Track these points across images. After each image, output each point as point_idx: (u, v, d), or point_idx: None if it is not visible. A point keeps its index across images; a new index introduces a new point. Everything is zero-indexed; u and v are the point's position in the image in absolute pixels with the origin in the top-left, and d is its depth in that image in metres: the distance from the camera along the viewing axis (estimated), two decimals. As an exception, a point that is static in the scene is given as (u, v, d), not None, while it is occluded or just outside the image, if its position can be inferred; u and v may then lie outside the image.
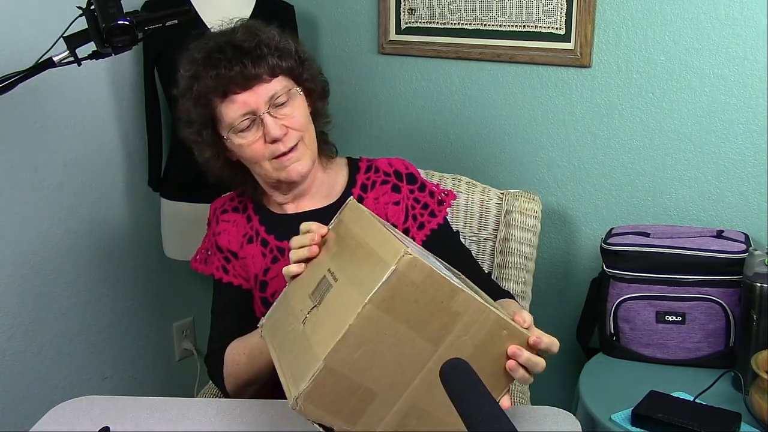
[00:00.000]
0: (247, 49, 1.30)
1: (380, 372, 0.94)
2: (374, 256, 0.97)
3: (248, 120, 1.31)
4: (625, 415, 1.54)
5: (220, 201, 1.51)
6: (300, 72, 1.38)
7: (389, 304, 0.92)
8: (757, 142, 1.84)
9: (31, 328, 2.13)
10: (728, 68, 1.84)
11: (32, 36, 1.92)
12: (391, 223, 1.41)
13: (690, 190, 1.94)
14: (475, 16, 2.15)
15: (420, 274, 0.92)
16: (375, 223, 1.05)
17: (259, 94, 1.31)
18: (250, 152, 1.33)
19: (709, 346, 1.74)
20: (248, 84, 1.30)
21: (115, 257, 2.33)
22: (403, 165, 1.47)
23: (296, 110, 1.34)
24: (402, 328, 0.93)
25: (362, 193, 1.43)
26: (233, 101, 1.31)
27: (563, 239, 2.15)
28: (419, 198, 1.43)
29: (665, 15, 1.89)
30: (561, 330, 2.13)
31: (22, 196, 2.05)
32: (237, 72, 1.28)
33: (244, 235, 1.45)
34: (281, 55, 1.34)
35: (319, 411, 0.93)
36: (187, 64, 1.35)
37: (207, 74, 1.30)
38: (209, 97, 1.32)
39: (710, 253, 1.71)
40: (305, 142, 1.36)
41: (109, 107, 2.24)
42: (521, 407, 1.47)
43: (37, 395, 2.16)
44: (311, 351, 0.95)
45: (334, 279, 1.03)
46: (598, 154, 2.05)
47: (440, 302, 0.94)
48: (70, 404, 1.29)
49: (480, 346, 0.97)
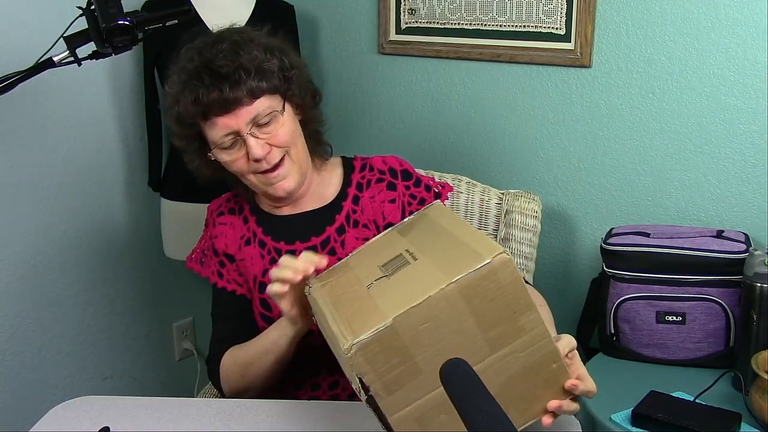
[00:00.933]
0: (225, 74, 1.27)
1: (434, 353, 0.95)
2: (465, 247, 0.99)
3: (231, 139, 1.30)
4: (625, 415, 1.54)
5: (217, 203, 1.51)
6: (285, 89, 1.35)
7: (470, 293, 0.93)
8: (757, 142, 1.84)
9: (31, 328, 2.13)
10: (728, 68, 1.84)
11: (32, 36, 1.91)
12: (388, 221, 1.41)
13: (690, 190, 1.94)
14: (475, 16, 2.15)
15: (509, 276, 0.94)
16: (464, 221, 1.09)
17: (240, 117, 1.29)
18: (236, 167, 1.34)
19: (709, 346, 1.74)
20: (228, 108, 1.28)
21: (115, 257, 2.33)
22: (397, 162, 1.47)
23: (280, 128, 1.32)
24: (470, 321, 0.95)
25: (358, 192, 1.43)
26: (215, 123, 1.30)
27: (563, 239, 2.15)
28: (415, 194, 1.43)
29: (665, 15, 1.89)
30: (561, 330, 2.13)
31: (22, 196, 2.05)
32: (215, 98, 1.26)
33: (241, 237, 1.45)
34: (263, 77, 1.30)
35: (367, 366, 0.94)
36: (171, 82, 1.35)
37: (186, 99, 1.29)
38: (192, 118, 1.31)
39: (710, 253, 1.71)
40: (291, 156, 1.34)
41: (109, 107, 2.24)
42: (521, 407, 1.48)
43: (37, 395, 2.16)
44: (377, 310, 0.96)
45: (413, 258, 1.05)
46: (598, 154, 2.05)
47: (512, 311, 0.95)
48: (70, 404, 1.29)
49: (528, 369, 0.98)
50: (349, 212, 1.41)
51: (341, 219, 1.41)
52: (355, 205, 1.42)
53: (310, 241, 1.41)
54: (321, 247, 1.40)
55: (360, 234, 1.39)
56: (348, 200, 1.42)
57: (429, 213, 1.17)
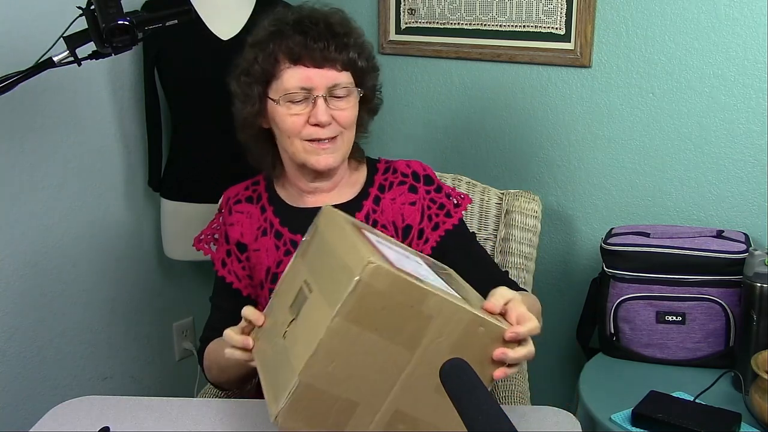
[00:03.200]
0: (337, 32, 1.32)
1: (358, 382, 0.94)
2: (342, 265, 0.96)
3: (303, 95, 1.32)
4: (625, 415, 1.54)
5: (234, 190, 1.51)
6: (367, 78, 1.40)
7: (357, 316, 0.91)
8: (757, 142, 1.84)
9: (31, 328, 2.13)
10: (728, 68, 1.84)
11: (32, 36, 1.91)
12: (407, 223, 1.41)
13: (690, 190, 1.94)
14: (475, 16, 2.15)
15: (384, 281, 0.91)
16: (346, 228, 1.04)
17: (325, 77, 1.32)
18: (290, 123, 1.33)
19: (709, 346, 1.74)
20: (322, 63, 1.31)
21: (115, 257, 2.33)
22: (420, 167, 1.48)
23: (349, 107, 1.36)
24: (373, 337, 0.93)
25: (379, 193, 1.44)
26: (299, 71, 1.32)
27: (563, 239, 2.15)
28: (435, 199, 1.44)
29: (665, 15, 1.89)
30: (561, 330, 2.14)
31: (22, 196, 2.05)
32: (318, 47, 1.30)
33: (258, 228, 1.45)
34: (361, 54, 1.36)
35: (301, 424, 0.94)
36: (274, 19, 1.36)
37: (291, 35, 1.31)
38: (280, 57, 1.32)
39: (710, 253, 1.71)
40: (343, 138, 1.37)
41: (109, 107, 2.24)
42: (521, 407, 1.47)
43: (37, 395, 2.16)
44: (290, 365, 0.95)
45: (309, 290, 1.02)
46: (598, 154, 2.05)
47: (410, 307, 0.93)
48: (70, 404, 1.29)
49: (457, 346, 0.96)
50: (369, 211, 1.42)
51: (360, 217, 1.41)
52: (376, 206, 1.42)
53: None
54: None
55: None
56: (369, 200, 1.43)
57: (319, 224, 1.13)
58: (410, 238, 1.41)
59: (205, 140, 2.17)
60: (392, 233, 1.40)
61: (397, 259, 0.98)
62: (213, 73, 2.09)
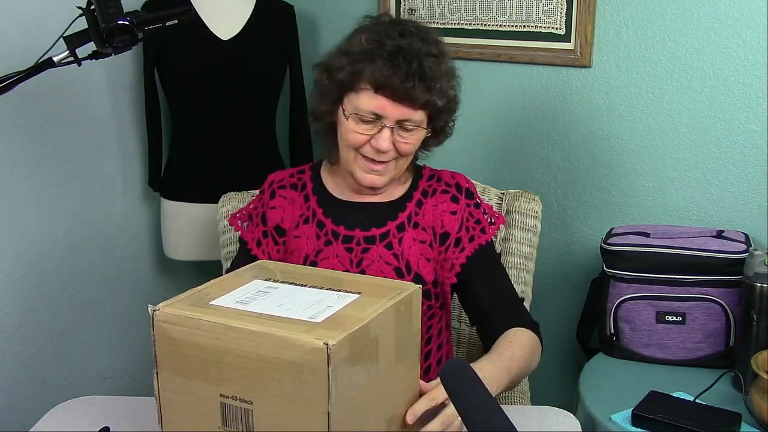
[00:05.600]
0: (427, 75, 1.32)
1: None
2: None
3: (372, 118, 1.34)
4: (625, 415, 1.54)
5: (279, 174, 1.54)
6: (442, 116, 1.41)
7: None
8: (757, 142, 1.84)
9: (31, 328, 2.13)
10: (728, 68, 1.84)
11: (32, 36, 1.91)
12: (445, 230, 1.43)
13: (690, 190, 1.94)
14: (475, 16, 2.15)
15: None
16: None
17: (399, 111, 1.33)
18: (351, 138, 1.36)
19: (709, 346, 1.74)
20: (401, 100, 1.32)
21: (115, 257, 2.33)
22: (464, 180, 1.51)
23: (412, 140, 1.38)
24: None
25: (422, 198, 1.47)
26: (377, 99, 1.33)
27: (563, 239, 2.15)
28: (473, 213, 1.47)
29: (665, 15, 1.89)
30: (561, 330, 2.14)
31: (22, 196, 2.05)
32: (402, 87, 1.30)
33: (300, 215, 1.47)
34: (440, 98, 1.36)
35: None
36: (375, 36, 1.34)
37: (382, 65, 1.31)
38: (364, 78, 1.33)
39: (710, 253, 1.71)
40: (397, 164, 1.40)
41: (109, 107, 2.24)
42: (521, 407, 1.48)
43: (37, 395, 2.16)
44: None
45: None
46: (598, 154, 2.05)
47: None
48: (70, 404, 1.29)
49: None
50: (412, 213, 1.45)
51: (403, 217, 1.44)
52: (418, 208, 1.45)
53: (370, 231, 1.43)
54: (380, 239, 1.43)
55: (418, 236, 1.43)
56: (412, 202, 1.46)
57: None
58: (447, 245, 1.43)
59: (205, 140, 2.17)
60: (431, 237, 1.43)
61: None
62: (213, 73, 2.10)
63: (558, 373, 2.15)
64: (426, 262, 1.42)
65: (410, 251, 1.41)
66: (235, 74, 2.11)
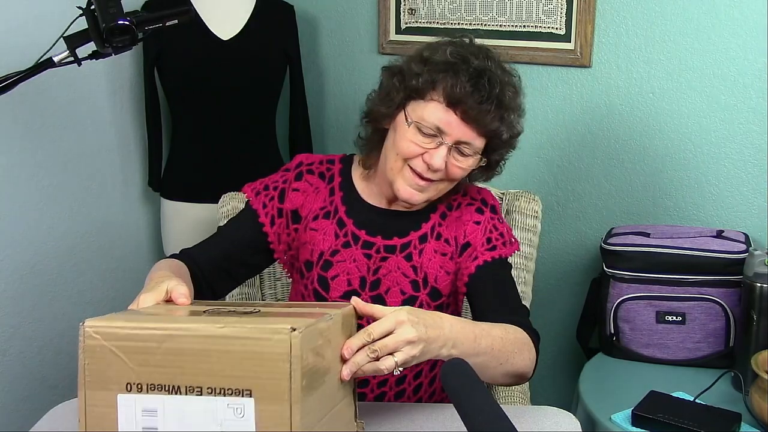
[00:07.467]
0: (504, 104, 1.30)
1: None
2: None
3: (432, 131, 1.30)
4: (625, 415, 1.54)
5: (310, 158, 1.48)
6: (499, 151, 1.38)
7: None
8: (757, 142, 1.84)
9: (31, 328, 2.13)
10: (728, 68, 1.84)
11: (32, 36, 1.91)
12: (467, 240, 1.40)
13: (690, 190, 1.94)
14: (475, 16, 2.15)
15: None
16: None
17: (463, 132, 1.29)
18: (405, 147, 1.31)
19: (709, 346, 1.74)
20: (470, 121, 1.29)
21: (115, 257, 2.33)
22: (490, 195, 1.49)
23: (464, 166, 1.33)
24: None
25: (447, 210, 1.43)
26: (446, 114, 1.29)
27: (563, 239, 2.15)
28: (497, 227, 1.43)
29: (665, 15, 1.89)
30: (561, 330, 2.14)
31: (22, 196, 2.05)
32: (478, 109, 1.27)
33: (321, 208, 1.43)
34: (508, 129, 1.33)
35: None
36: (460, 50, 1.32)
37: (464, 81, 1.27)
38: (439, 90, 1.29)
39: (710, 253, 1.71)
40: (439, 186, 1.36)
41: (109, 107, 2.24)
42: (521, 407, 1.47)
43: (37, 395, 2.16)
44: None
45: None
46: (598, 154, 2.05)
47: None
48: (70, 404, 1.29)
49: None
50: (435, 224, 1.42)
51: (426, 228, 1.41)
52: (442, 220, 1.42)
53: (392, 240, 1.40)
54: (401, 249, 1.39)
55: (439, 248, 1.40)
56: (437, 213, 1.43)
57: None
58: (466, 254, 1.40)
59: (205, 140, 2.17)
60: (453, 249, 1.40)
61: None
62: (213, 73, 2.10)
63: (558, 373, 2.15)
64: (445, 275, 1.39)
65: (430, 264, 1.38)
66: (235, 74, 2.11)
